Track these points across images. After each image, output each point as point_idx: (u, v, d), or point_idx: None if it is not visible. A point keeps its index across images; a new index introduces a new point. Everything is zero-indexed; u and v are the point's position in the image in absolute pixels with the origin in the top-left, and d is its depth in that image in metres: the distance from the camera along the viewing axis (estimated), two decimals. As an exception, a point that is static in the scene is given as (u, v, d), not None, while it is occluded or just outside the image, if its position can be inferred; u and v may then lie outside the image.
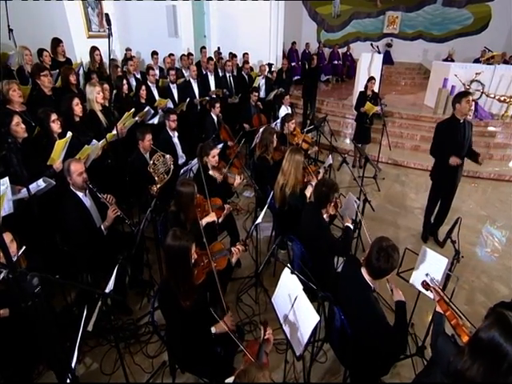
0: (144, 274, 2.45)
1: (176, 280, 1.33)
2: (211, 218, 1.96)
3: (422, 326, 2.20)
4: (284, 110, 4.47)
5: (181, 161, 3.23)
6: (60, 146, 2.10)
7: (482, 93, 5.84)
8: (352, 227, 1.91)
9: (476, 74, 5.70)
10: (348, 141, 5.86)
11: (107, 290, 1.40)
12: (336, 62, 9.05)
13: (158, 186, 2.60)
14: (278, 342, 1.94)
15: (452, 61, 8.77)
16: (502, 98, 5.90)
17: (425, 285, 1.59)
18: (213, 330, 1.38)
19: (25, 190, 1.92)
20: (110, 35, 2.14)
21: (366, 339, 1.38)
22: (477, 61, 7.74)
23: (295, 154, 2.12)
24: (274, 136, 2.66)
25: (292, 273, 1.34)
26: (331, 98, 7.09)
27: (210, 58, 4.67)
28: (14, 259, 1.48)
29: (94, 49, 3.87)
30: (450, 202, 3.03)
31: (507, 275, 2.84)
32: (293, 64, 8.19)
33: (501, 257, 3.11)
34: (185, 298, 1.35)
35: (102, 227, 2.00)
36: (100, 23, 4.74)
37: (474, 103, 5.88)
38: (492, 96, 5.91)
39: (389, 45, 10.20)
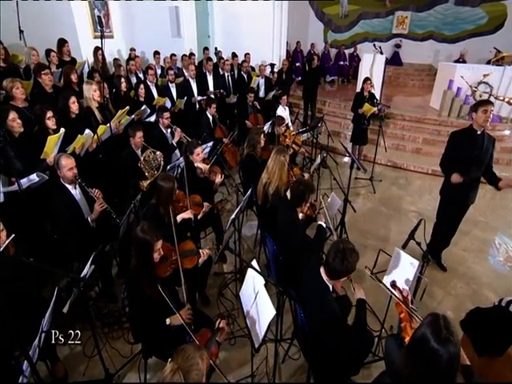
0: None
1: (139, 267, 1.41)
2: (187, 214, 2.03)
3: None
4: (282, 110, 4.50)
5: (174, 158, 3.33)
6: (53, 141, 2.22)
7: (490, 95, 5.65)
8: (324, 225, 1.93)
9: (484, 75, 5.53)
10: (347, 142, 5.81)
11: (82, 275, 1.49)
12: (342, 63, 8.97)
13: (149, 181, 2.71)
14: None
15: (464, 62, 8.51)
16: (512, 101, 5.70)
17: (392, 285, 1.60)
18: (167, 321, 1.44)
19: (21, 182, 2.06)
20: (102, 36, 2.26)
21: (323, 337, 1.40)
22: (490, 62, 7.49)
23: (280, 154, 2.16)
24: (262, 136, 2.71)
25: (252, 268, 1.38)
26: (336, 98, 7.04)
27: (209, 59, 4.75)
28: (2, 247, 1.59)
29: (97, 49, 4.03)
30: (457, 224, 2.73)
31: (497, 283, 2.77)
32: (297, 64, 8.19)
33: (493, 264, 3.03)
34: (148, 286, 1.42)
35: (89, 219, 2.11)
36: (106, 24, 4.92)
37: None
38: (501, 98, 5.71)
39: (398, 45, 10.01)
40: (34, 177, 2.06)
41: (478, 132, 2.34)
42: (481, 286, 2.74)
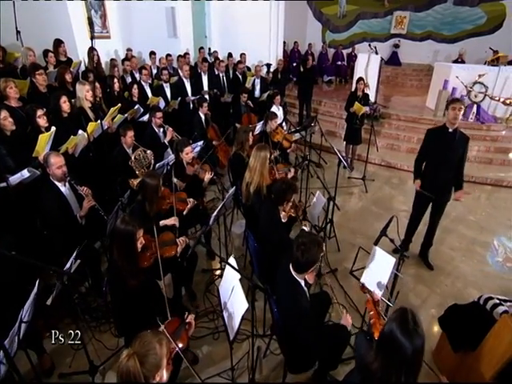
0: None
1: (122, 260, 1.46)
2: (170, 221, 2.07)
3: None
4: (275, 110, 4.53)
5: (166, 156, 3.38)
6: (44, 140, 2.28)
7: (486, 95, 5.65)
8: (307, 229, 1.97)
9: (479, 75, 5.53)
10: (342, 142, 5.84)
11: (65, 269, 1.54)
12: (340, 63, 8.98)
13: (139, 179, 2.75)
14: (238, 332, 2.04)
15: (463, 62, 8.50)
16: (508, 101, 5.69)
17: (361, 287, 1.64)
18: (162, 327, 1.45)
19: (12, 178, 2.12)
20: (92, 37, 2.31)
21: (295, 332, 1.44)
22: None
23: (261, 150, 2.20)
24: (250, 134, 2.75)
25: (227, 264, 1.42)
26: (332, 98, 7.06)
27: (204, 59, 4.81)
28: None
29: (91, 49, 4.09)
30: (435, 222, 2.78)
31: (483, 281, 2.80)
32: (294, 64, 8.23)
33: (480, 263, 3.05)
34: (131, 277, 1.47)
35: (78, 216, 2.16)
36: (103, 25, 4.99)
37: (476, 106, 5.71)
38: (496, 99, 5.71)
39: (396, 45, 10.00)
40: (25, 172, 2.12)
41: (450, 130, 2.40)
42: (466, 284, 2.76)
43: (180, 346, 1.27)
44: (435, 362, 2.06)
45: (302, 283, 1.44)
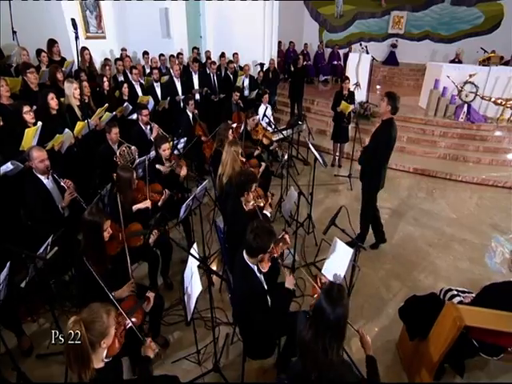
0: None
1: (89, 248, 1.57)
2: (144, 204, 2.18)
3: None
4: (263, 108, 4.62)
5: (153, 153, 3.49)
6: (30, 134, 2.41)
7: (476, 95, 5.66)
8: (269, 215, 2.06)
9: (470, 75, 5.55)
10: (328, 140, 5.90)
11: (38, 253, 1.66)
12: (336, 63, 9.02)
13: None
14: (208, 319, 2.14)
15: (460, 62, 8.49)
16: (499, 101, 5.69)
17: (314, 278, 1.72)
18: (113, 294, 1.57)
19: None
20: (76, 38, 2.42)
21: (248, 315, 1.52)
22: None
23: (232, 145, 2.29)
24: (230, 131, 2.85)
25: (184, 250, 1.52)
26: (325, 98, 7.12)
27: (195, 59, 4.92)
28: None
29: (83, 49, 4.23)
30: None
31: (455, 276, 2.85)
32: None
33: (456, 259, 3.10)
34: (97, 264, 1.57)
35: (60, 207, 2.29)
36: (98, 25, 5.13)
37: (467, 106, 5.72)
38: (487, 98, 5.72)
39: (394, 45, 10.01)
40: (8, 165, 2.25)
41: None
42: (438, 279, 2.82)
43: (133, 320, 1.38)
44: (398, 353, 2.14)
45: (255, 268, 1.53)
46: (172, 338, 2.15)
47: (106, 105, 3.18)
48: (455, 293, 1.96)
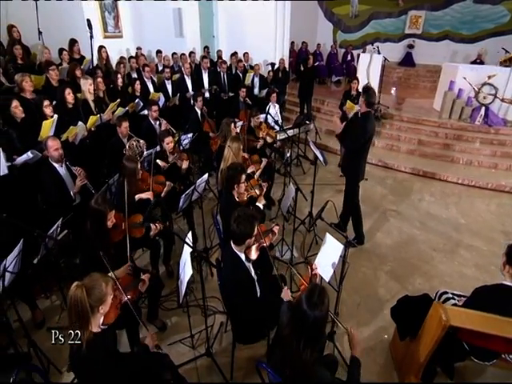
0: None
1: (93, 234, 1.70)
2: (146, 195, 2.30)
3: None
4: (271, 107, 4.68)
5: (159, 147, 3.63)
6: (47, 126, 2.60)
7: (496, 97, 5.43)
8: (262, 207, 2.11)
9: (488, 76, 5.33)
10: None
11: (49, 233, 1.80)
12: (349, 63, 8.91)
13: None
14: (207, 307, 2.23)
15: (482, 63, 8.14)
16: (520, 104, 5.43)
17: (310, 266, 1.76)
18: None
19: (19, 158, 2.45)
20: (91, 37, 2.58)
21: (235, 301, 1.58)
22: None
23: (234, 141, 2.37)
24: (232, 126, 2.92)
25: (179, 238, 1.60)
26: (336, 98, 7.06)
27: (205, 57, 5.05)
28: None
29: (100, 47, 4.46)
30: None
31: (457, 282, 2.78)
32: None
33: (461, 265, 3.02)
34: (100, 248, 1.69)
35: (72, 193, 2.46)
36: (115, 25, 5.38)
37: (484, 108, 5.50)
38: (507, 101, 5.47)
39: (410, 46, 9.74)
40: (29, 154, 2.45)
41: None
42: (440, 284, 2.75)
43: (128, 296, 1.48)
44: (391, 353, 2.13)
45: (243, 257, 1.59)
46: (170, 323, 2.25)
47: (118, 100, 3.35)
48: (450, 296, 1.93)
